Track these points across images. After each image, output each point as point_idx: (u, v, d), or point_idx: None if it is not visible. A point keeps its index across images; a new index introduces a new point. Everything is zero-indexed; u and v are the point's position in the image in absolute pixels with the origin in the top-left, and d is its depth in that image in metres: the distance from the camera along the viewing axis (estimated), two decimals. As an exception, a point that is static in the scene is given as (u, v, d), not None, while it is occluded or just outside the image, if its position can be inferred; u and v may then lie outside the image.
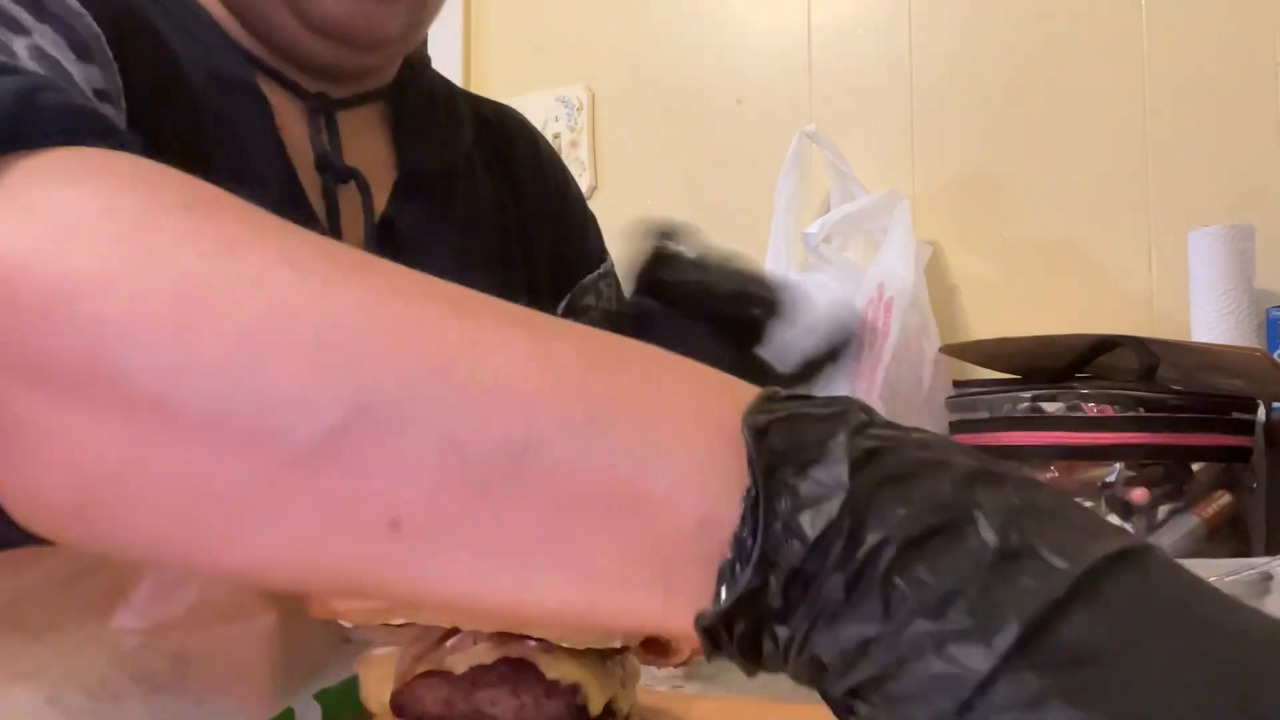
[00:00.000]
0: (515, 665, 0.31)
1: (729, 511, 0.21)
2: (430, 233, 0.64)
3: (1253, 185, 1.20)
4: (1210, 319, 1.11)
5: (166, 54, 0.54)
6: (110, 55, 0.47)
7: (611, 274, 0.80)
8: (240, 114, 0.57)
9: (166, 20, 0.56)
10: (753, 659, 0.22)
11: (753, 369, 0.38)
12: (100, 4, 0.50)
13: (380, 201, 0.63)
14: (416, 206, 0.64)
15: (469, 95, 0.78)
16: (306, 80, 0.62)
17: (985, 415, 0.97)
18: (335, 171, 0.60)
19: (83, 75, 0.44)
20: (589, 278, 0.77)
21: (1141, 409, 0.89)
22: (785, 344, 0.38)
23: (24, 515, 0.25)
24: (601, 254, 0.81)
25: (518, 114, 0.81)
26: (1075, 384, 0.94)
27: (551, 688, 0.30)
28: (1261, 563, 0.63)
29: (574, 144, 1.56)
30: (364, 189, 0.60)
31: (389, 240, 0.61)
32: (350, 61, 0.62)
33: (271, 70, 0.61)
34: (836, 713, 0.22)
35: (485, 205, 0.70)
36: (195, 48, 0.56)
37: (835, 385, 1.17)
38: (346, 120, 0.65)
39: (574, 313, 0.75)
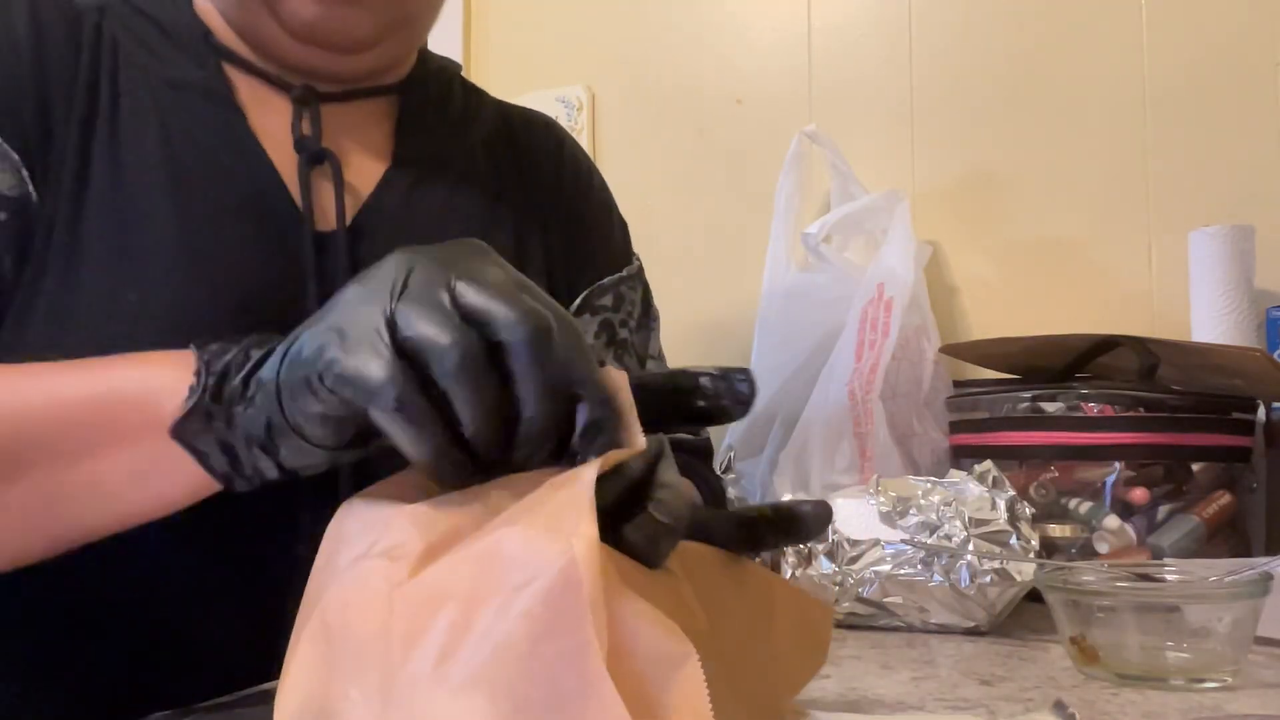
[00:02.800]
0: None
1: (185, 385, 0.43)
2: (411, 215, 0.68)
3: (1253, 185, 1.20)
4: (1210, 319, 1.11)
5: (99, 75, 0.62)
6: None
7: (635, 278, 0.81)
8: (199, 113, 0.63)
9: (130, 38, 0.63)
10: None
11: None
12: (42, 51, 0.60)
13: (372, 184, 0.67)
14: (401, 190, 0.68)
15: (499, 102, 0.81)
16: (294, 77, 0.66)
17: (985, 415, 0.97)
18: (309, 154, 0.64)
19: None
20: (608, 279, 0.78)
21: (1141, 409, 0.89)
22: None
23: None
24: (626, 257, 0.82)
25: (547, 120, 0.83)
26: (1075, 384, 0.94)
27: None
28: (1261, 563, 0.63)
29: (574, 144, 1.56)
30: (336, 169, 0.64)
31: (365, 214, 0.66)
32: (333, 64, 0.66)
33: (258, 70, 0.66)
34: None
35: (478, 197, 0.72)
36: (153, 61, 0.63)
37: (834, 382, 1.17)
38: (343, 112, 0.69)
39: (589, 310, 0.76)
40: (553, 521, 0.32)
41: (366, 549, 0.34)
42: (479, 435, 0.35)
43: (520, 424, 0.36)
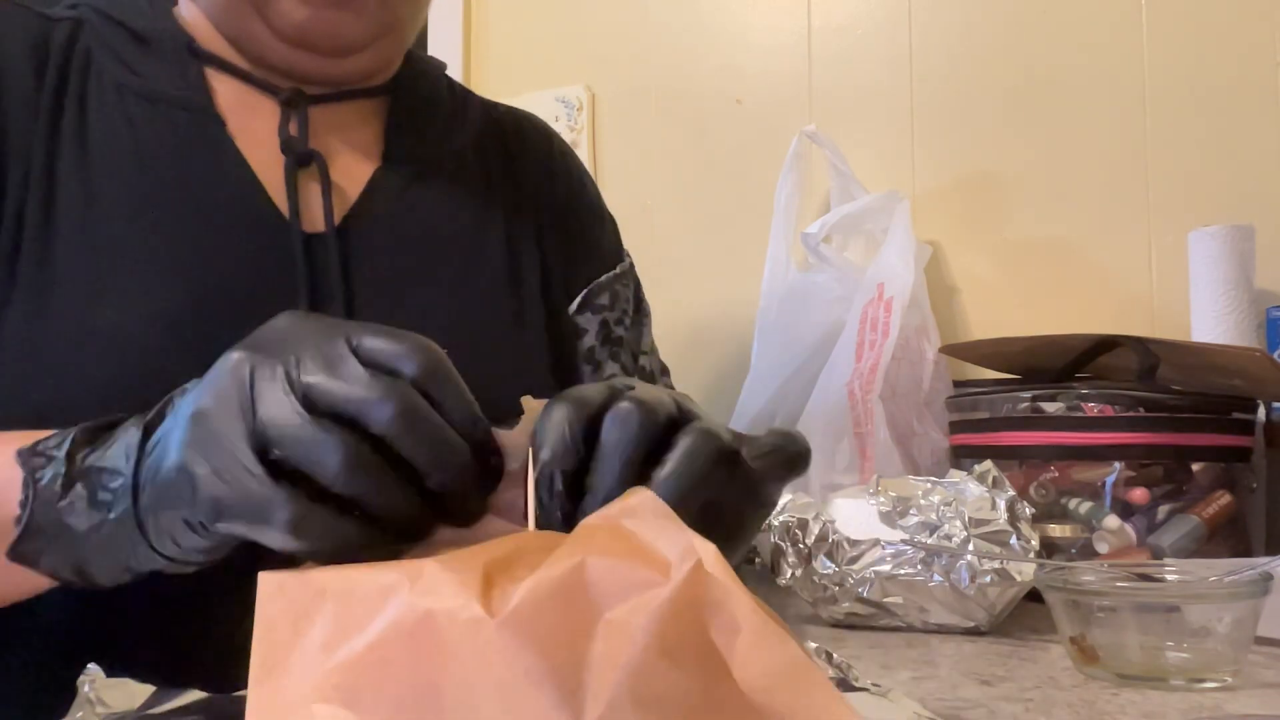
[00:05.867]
0: None
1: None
2: (400, 215, 0.67)
3: (1253, 185, 1.20)
4: (1210, 319, 1.11)
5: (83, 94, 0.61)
6: None
7: (627, 275, 0.82)
8: (175, 125, 0.62)
9: (104, 53, 0.63)
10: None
11: None
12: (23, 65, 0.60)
13: (360, 185, 0.67)
14: (391, 192, 0.67)
15: (488, 102, 0.81)
16: (281, 82, 0.66)
17: (985, 415, 0.97)
18: (296, 154, 0.64)
19: None
20: (604, 278, 0.79)
21: (1141, 409, 0.88)
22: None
23: None
24: (618, 255, 0.82)
25: (536, 120, 0.83)
26: (1075, 384, 0.94)
27: None
28: (1262, 563, 0.63)
29: (574, 144, 1.56)
30: (323, 170, 0.64)
31: (353, 216, 0.65)
32: (323, 68, 0.66)
33: (245, 75, 0.66)
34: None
35: (468, 196, 0.72)
36: (127, 76, 0.62)
37: (834, 382, 1.17)
38: (331, 113, 0.69)
39: (590, 309, 0.77)
40: (633, 548, 0.29)
41: (388, 591, 0.30)
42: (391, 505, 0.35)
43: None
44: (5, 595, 0.47)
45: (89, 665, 0.41)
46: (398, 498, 0.34)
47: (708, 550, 0.29)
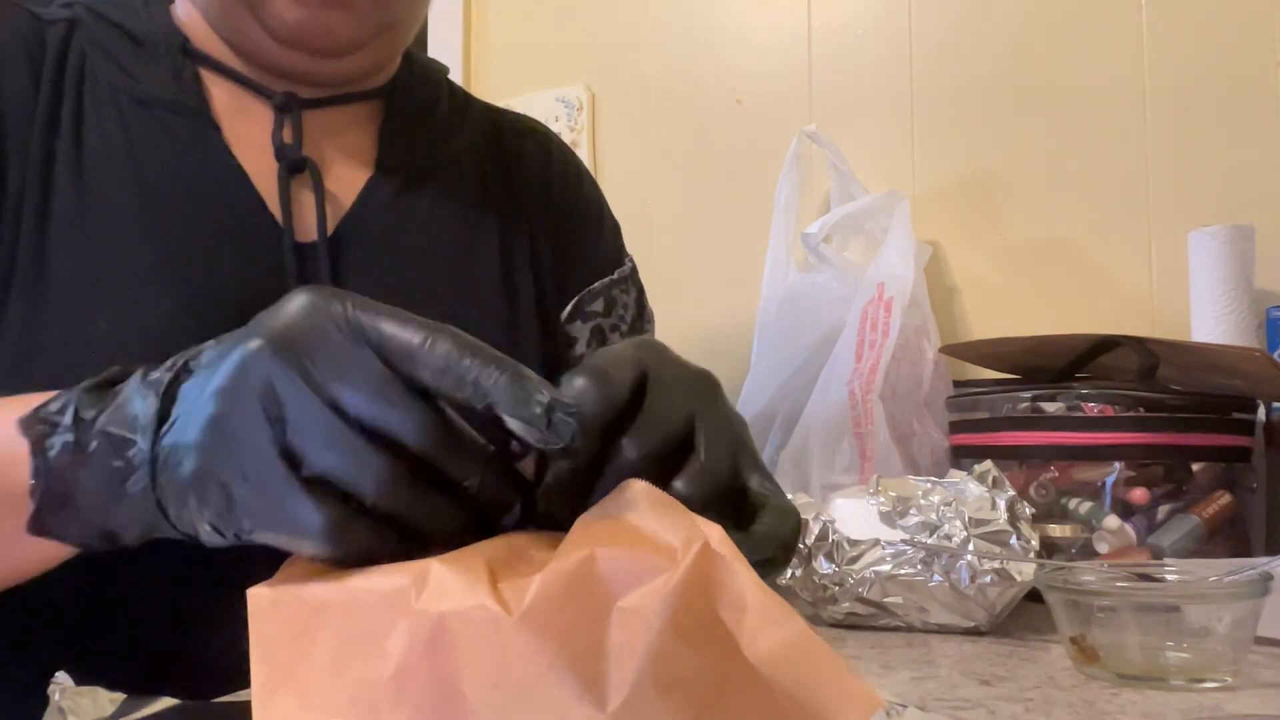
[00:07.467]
0: None
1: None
2: (393, 224, 0.67)
3: (1253, 185, 1.20)
4: (1210, 319, 1.11)
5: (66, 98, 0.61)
6: None
7: (628, 280, 0.80)
8: (169, 130, 0.62)
9: (99, 54, 0.62)
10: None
11: None
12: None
13: (354, 192, 0.66)
14: (384, 198, 0.67)
15: (489, 107, 0.80)
16: (276, 83, 0.65)
17: (985, 415, 0.97)
18: (289, 162, 0.63)
19: None
20: (599, 283, 0.77)
21: (1141, 409, 0.88)
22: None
23: None
24: (618, 259, 0.81)
25: (536, 125, 0.82)
26: (1075, 384, 0.94)
27: None
28: (1262, 563, 0.63)
29: (574, 144, 1.56)
30: (316, 177, 0.64)
31: (346, 224, 0.65)
32: (318, 68, 0.66)
33: (240, 77, 0.65)
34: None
35: (463, 204, 0.72)
36: (122, 78, 0.62)
37: (834, 382, 1.17)
38: (326, 117, 0.68)
39: (580, 317, 0.75)
40: (638, 538, 0.30)
41: (395, 600, 0.29)
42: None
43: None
44: (23, 569, 0.44)
45: (58, 674, 0.40)
46: (438, 511, 0.33)
47: (713, 530, 0.29)
